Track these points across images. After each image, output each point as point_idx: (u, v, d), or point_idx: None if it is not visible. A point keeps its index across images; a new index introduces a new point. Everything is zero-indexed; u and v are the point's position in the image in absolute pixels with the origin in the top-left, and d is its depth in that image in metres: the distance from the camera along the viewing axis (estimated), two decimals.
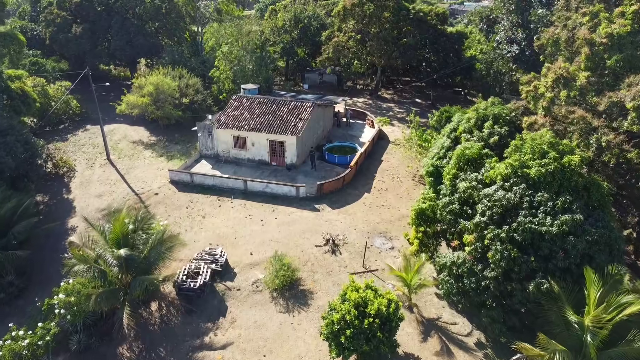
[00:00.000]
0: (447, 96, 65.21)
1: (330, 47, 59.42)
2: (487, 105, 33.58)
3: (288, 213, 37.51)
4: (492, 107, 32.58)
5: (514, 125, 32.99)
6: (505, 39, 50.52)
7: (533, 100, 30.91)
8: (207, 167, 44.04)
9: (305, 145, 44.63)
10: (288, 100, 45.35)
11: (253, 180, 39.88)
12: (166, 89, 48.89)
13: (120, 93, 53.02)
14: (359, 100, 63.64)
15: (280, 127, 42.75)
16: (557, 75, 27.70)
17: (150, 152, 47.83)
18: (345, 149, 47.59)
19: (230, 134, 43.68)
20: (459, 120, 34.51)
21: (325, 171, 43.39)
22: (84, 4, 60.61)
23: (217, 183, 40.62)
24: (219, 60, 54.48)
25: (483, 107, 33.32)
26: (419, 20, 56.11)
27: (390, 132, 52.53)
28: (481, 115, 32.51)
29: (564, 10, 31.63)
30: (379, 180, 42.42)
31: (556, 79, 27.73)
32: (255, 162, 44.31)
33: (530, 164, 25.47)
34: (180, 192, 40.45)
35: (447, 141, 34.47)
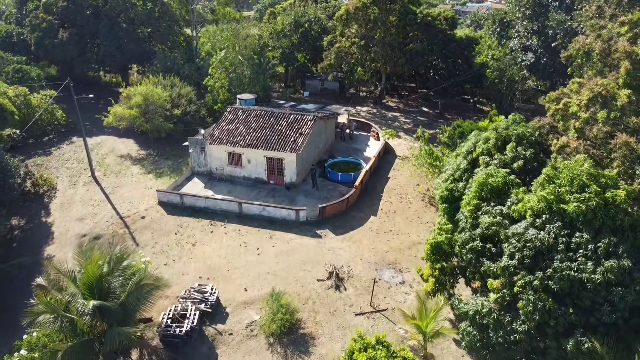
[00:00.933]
0: (455, 104, 61.81)
1: (332, 53, 55.97)
2: (507, 123, 30.12)
3: (287, 240, 34.06)
4: (514, 127, 29.13)
5: (540, 147, 29.56)
6: (520, 46, 47.03)
7: (562, 119, 27.41)
8: (199, 185, 40.58)
9: (306, 162, 41.19)
10: (287, 113, 41.89)
11: (248, 202, 36.42)
12: (156, 100, 45.43)
13: (111, 100, 49.47)
14: (362, 109, 60.17)
15: (278, 142, 39.29)
16: (594, 93, 24.22)
17: (138, 168, 44.35)
18: (348, 165, 44.14)
19: (224, 150, 40.24)
20: (476, 140, 31.04)
21: (327, 190, 39.93)
22: (71, 7, 57.10)
23: (209, 205, 37.17)
24: (213, 67, 51.02)
25: (503, 125, 29.87)
26: (427, 25, 52.65)
27: (397, 145, 49.05)
28: (502, 135, 29.06)
29: (596, 17, 28.15)
30: (386, 201, 38.96)
31: (593, 98, 24.25)
32: (252, 181, 40.86)
33: (567, 198, 22.01)
34: (169, 215, 37.00)
35: (464, 163, 31.03)
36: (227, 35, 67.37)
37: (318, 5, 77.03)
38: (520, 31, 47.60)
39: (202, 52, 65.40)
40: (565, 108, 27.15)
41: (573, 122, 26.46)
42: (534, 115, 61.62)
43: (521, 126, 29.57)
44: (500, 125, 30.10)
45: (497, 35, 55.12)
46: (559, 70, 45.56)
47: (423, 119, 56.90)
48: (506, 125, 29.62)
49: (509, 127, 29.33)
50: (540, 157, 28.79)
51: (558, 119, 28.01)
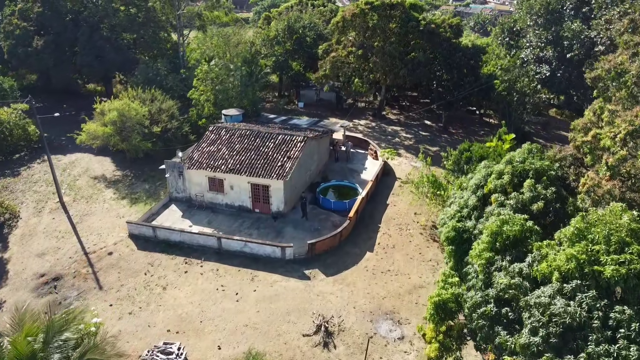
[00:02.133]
0: (460, 116, 57.59)
1: (327, 62, 51.84)
2: (523, 155, 25.99)
3: (270, 283, 29.96)
4: (531, 160, 24.98)
5: (562, 183, 25.44)
6: (533, 57, 42.85)
7: (591, 153, 23.27)
8: (177, 214, 36.51)
9: (295, 187, 37.11)
10: (275, 133, 37.79)
11: (228, 237, 32.31)
12: (133, 116, 41.36)
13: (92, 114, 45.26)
14: (360, 122, 56.02)
15: (263, 167, 35.20)
16: (634, 127, 20.07)
17: (112, 192, 40.29)
18: (343, 190, 40.07)
19: (204, 175, 36.18)
20: (486, 173, 26.91)
21: (318, 220, 35.82)
22: (47, 13, 53.10)
23: (185, 239, 33.10)
24: (198, 79, 46.93)
25: (519, 158, 25.74)
26: (430, 33, 48.47)
27: (397, 165, 44.91)
28: (518, 170, 24.93)
29: (629, 32, 23.99)
30: (384, 233, 34.83)
31: (633, 132, 20.10)
32: (235, 209, 36.79)
33: (603, 259, 17.89)
34: (140, 251, 32.93)
35: (473, 199, 26.96)
36: (217, 42, 63.44)
37: (315, 9, 72.93)
38: (533, 41, 43.41)
39: (191, 61, 61.46)
40: (595, 141, 22.99)
41: (605, 157, 22.29)
42: (546, 129, 57.60)
43: (539, 158, 25.42)
44: (515, 157, 25.97)
45: (505, 44, 50.88)
46: (576, 83, 41.40)
47: (425, 134, 52.75)
48: (522, 158, 25.49)
49: (525, 161, 25.18)
50: (563, 195, 24.68)
51: (585, 152, 23.85)
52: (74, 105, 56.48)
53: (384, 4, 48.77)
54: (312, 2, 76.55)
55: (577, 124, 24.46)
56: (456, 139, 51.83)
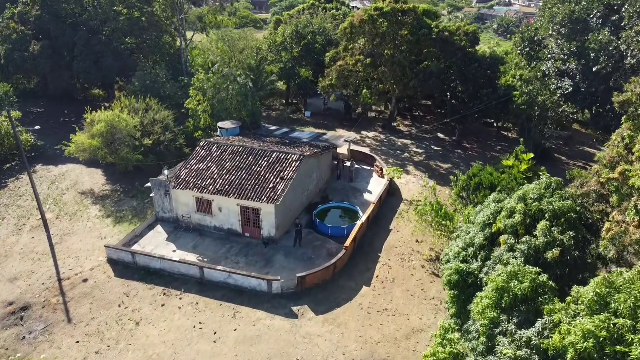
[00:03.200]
0: (476, 129, 53.96)
1: (333, 71, 48.84)
2: (539, 190, 22.62)
3: (253, 320, 27.14)
4: (550, 200, 21.62)
5: (583, 221, 22.07)
6: (555, 70, 39.20)
7: (617, 192, 19.88)
8: (161, 236, 33.98)
9: (290, 210, 34.25)
10: (269, 151, 34.98)
11: (211, 267, 29.59)
12: (122, 128, 39.02)
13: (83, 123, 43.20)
14: (368, 134, 52.88)
15: (254, 189, 32.41)
16: None
17: (97, 209, 37.99)
18: (342, 213, 37.08)
19: (191, 194, 33.57)
20: (496, 209, 23.62)
21: (312, 248, 32.89)
22: (44, 17, 51.26)
23: (165, 267, 30.51)
24: (193, 88, 44.42)
25: (534, 194, 22.40)
26: (443, 41, 45.08)
27: (404, 184, 41.70)
28: (532, 209, 21.61)
29: None
30: (383, 264, 31.72)
31: None
32: (224, 232, 34.10)
33: (628, 337, 14.59)
34: (117, 279, 30.46)
35: (479, 237, 23.71)
36: (222, 47, 60.96)
37: (327, 13, 70.00)
38: (555, 52, 39.72)
39: (195, 66, 59.11)
40: (622, 178, 19.58)
41: (635, 199, 18.90)
42: (568, 144, 53.52)
43: (559, 197, 22.03)
44: (529, 192, 22.63)
45: (525, 55, 47.14)
46: (602, 98, 37.63)
47: (437, 149, 49.34)
48: (538, 195, 22.12)
49: (542, 198, 21.84)
50: (584, 239, 21.30)
51: (611, 190, 20.44)
52: (75, 111, 54.76)
53: (394, 10, 45.59)
54: (325, 5, 73.76)
55: (603, 156, 21.07)
56: (470, 154, 48.35)
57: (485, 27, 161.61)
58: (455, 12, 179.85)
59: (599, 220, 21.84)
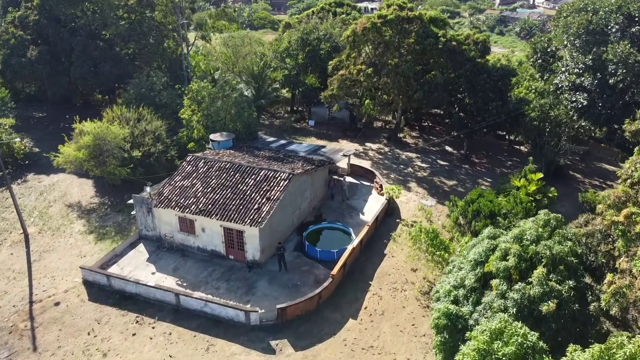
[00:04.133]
0: (487, 143, 51.15)
1: (335, 81, 46.71)
2: (537, 230, 20.23)
3: (228, 355, 25.26)
4: (548, 243, 19.22)
5: (586, 265, 19.63)
6: (569, 84, 36.42)
7: (623, 237, 17.42)
8: (142, 257, 32.34)
9: (278, 231, 32.27)
10: (257, 168, 33.06)
11: (187, 295, 27.81)
12: (110, 140, 37.57)
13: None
14: (372, 146, 50.58)
15: (237, 210, 30.53)
16: None
17: (81, 225, 36.60)
18: (335, 234, 34.97)
19: (174, 213, 31.87)
20: (489, 247, 21.29)
21: (299, 273, 30.87)
22: (43, 22, 50.27)
23: (141, 292, 28.85)
24: (188, 98, 42.77)
25: (531, 234, 20.04)
26: (451, 51, 42.53)
27: (404, 203, 39.35)
28: (529, 253, 19.26)
29: None
30: (374, 294, 29.51)
31: None
32: (208, 253, 32.32)
33: None
34: (91, 302, 28.92)
35: (471, 277, 21.47)
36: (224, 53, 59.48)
37: (337, 17, 67.89)
38: (570, 65, 36.92)
39: (197, 72, 57.73)
40: (629, 223, 17.12)
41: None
42: (585, 161, 50.35)
43: (559, 239, 19.60)
44: (526, 230, 20.23)
45: (538, 67, 44.29)
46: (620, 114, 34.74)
47: (444, 164, 46.78)
48: (536, 235, 19.72)
49: (539, 240, 19.44)
50: (585, 287, 18.87)
51: (617, 234, 17.96)
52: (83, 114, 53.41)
53: (399, 18, 43.26)
54: (335, 9, 71.68)
55: (608, 195, 18.57)
56: (478, 170, 45.71)
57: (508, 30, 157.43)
58: (477, 14, 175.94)
59: (604, 265, 19.34)
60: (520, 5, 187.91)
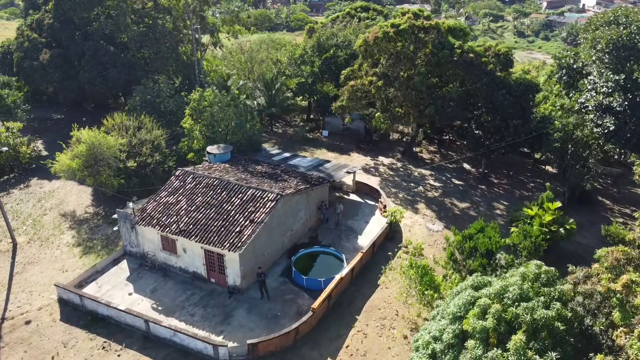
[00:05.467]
0: (509, 161, 47.62)
1: (346, 91, 44.43)
2: (521, 284, 17.49)
3: None
4: (530, 306, 16.46)
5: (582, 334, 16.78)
6: (595, 104, 32.87)
7: (620, 308, 14.52)
8: (123, 275, 31.03)
9: (263, 255, 30.32)
10: (245, 187, 31.20)
11: (156, 322, 26.18)
12: (105, 150, 36.57)
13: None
14: (384, 160, 47.96)
15: (218, 232, 28.75)
16: None
17: (71, 236, 35.73)
18: (329, 258, 32.71)
19: (156, 232, 30.41)
20: (470, 299, 18.65)
21: (282, 302, 28.80)
22: (56, 26, 50.13)
23: (112, 315, 27.48)
24: (189, 107, 41.39)
25: (514, 292, 17.29)
26: (468, 64, 39.49)
27: (409, 227, 36.68)
28: (509, 314, 16.57)
29: None
30: (359, 331, 27.10)
31: None
32: (189, 275, 30.71)
33: None
34: (61, 323, 27.75)
35: (449, 332, 18.87)
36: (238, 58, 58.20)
37: (362, 22, 65.58)
38: (597, 84, 33.33)
39: (211, 78, 56.52)
40: (627, 292, 14.25)
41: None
42: (617, 184, 46.03)
43: (545, 297, 16.83)
44: (510, 285, 17.52)
45: (564, 83, 40.56)
46: None
47: (459, 183, 43.69)
48: (519, 294, 16.98)
49: (520, 299, 16.71)
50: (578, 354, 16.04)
51: (614, 303, 15.05)
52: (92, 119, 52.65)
53: (413, 27, 40.57)
54: (359, 14, 69.30)
55: (605, 255, 15.61)
56: (495, 192, 42.42)
57: (554, 35, 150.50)
58: (521, 18, 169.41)
59: (603, 333, 16.39)
60: (569, 9, 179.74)
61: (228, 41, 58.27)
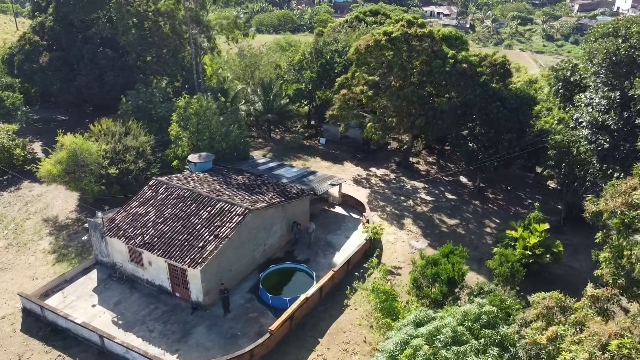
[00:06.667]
0: (509, 175, 45.54)
1: (337, 100, 43.28)
2: (457, 325, 16.19)
3: None
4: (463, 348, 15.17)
5: None
6: (590, 121, 30.85)
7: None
8: (90, 285, 30.69)
9: (230, 271, 29.52)
10: (215, 200, 30.43)
11: (109, 338, 25.63)
12: (87, 156, 36.41)
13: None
14: (377, 171, 46.57)
15: (182, 247, 28.06)
16: None
17: (48, 242, 35.67)
18: (301, 275, 31.69)
19: (123, 242, 29.96)
20: (405, 339, 17.40)
21: (244, 321, 27.93)
22: (57, 28, 50.52)
23: (70, 328, 27.10)
24: (175, 114, 40.88)
25: (446, 335, 15.97)
26: (461, 75, 37.85)
27: (391, 243, 35.32)
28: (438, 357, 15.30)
29: None
30: (319, 355, 26.01)
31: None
32: (156, 288, 30.15)
33: None
34: (21, 334, 27.53)
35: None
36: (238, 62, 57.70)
37: (369, 27, 64.35)
38: (594, 99, 31.30)
39: (212, 82, 56.21)
40: (553, 347, 12.80)
41: None
42: None
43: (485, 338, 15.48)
44: (444, 326, 16.20)
45: (560, 97, 38.44)
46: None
47: (452, 197, 41.99)
48: (452, 336, 15.68)
49: (454, 340, 15.43)
50: None
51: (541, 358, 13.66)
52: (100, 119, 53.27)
53: (405, 35, 39.15)
54: (366, 19, 68.08)
55: (537, 301, 14.13)
56: (489, 208, 40.60)
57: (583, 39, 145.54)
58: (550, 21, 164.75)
59: None
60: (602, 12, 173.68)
61: (228, 46, 57.71)
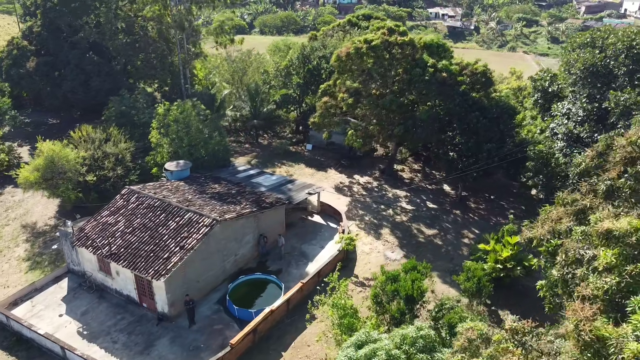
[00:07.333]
0: (493, 184, 45.04)
1: (319, 107, 43.09)
2: (393, 348, 15.99)
3: None
4: None
5: None
6: (565, 133, 30.40)
7: None
8: (60, 294, 30.73)
9: (197, 282, 29.45)
10: (184, 210, 30.31)
11: (70, 350, 25.61)
12: (64, 163, 36.50)
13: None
14: (360, 179, 46.32)
15: (147, 258, 28.00)
16: None
17: (23, 249, 35.79)
18: (271, 287, 31.52)
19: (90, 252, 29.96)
20: (348, 358, 17.18)
21: (209, 333, 27.82)
22: (44, 34, 50.76)
23: (35, 338, 27.14)
24: (155, 121, 40.89)
25: (381, 357, 15.75)
26: (440, 84, 37.52)
27: (365, 254, 35.09)
28: None
29: None
30: None
31: None
32: (124, 298, 30.13)
33: None
34: None
35: None
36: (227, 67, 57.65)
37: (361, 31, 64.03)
38: (571, 110, 30.84)
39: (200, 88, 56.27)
40: None
41: None
42: None
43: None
44: (379, 349, 16.01)
45: (539, 107, 37.96)
46: None
47: (433, 206, 41.65)
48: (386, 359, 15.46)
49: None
50: None
51: None
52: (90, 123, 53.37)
53: (386, 44, 38.87)
54: (360, 23, 67.79)
55: (460, 331, 13.80)
56: (470, 218, 40.22)
57: None
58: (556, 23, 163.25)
59: None
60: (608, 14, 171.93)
61: (216, 51, 57.65)
